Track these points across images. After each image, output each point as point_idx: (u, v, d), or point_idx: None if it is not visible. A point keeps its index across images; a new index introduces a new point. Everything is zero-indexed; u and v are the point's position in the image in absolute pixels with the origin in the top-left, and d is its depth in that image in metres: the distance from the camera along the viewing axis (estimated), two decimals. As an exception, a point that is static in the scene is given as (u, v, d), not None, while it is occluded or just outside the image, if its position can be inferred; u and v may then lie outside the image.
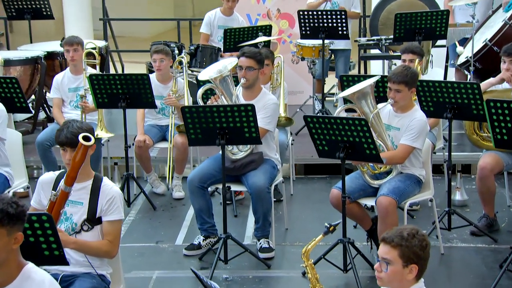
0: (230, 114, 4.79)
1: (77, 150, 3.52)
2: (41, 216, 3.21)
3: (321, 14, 7.72)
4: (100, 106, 6.21)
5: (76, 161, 3.51)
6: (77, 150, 3.51)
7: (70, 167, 3.54)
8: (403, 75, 4.92)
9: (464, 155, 7.27)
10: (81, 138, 3.51)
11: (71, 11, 14.89)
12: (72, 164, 3.53)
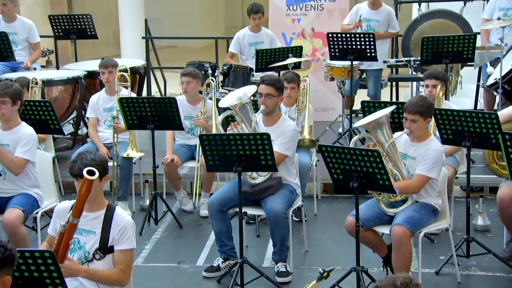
0: (246, 142, 4.68)
1: (82, 183, 3.45)
2: (44, 253, 3.14)
3: (349, 36, 7.56)
4: (130, 127, 6.17)
5: (81, 194, 3.44)
6: (82, 184, 3.45)
7: (76, 200, 3.48)
8: (419, 106, 4.74)
9: (490, 178, 7.00)
10: (85, 172, 3.44)
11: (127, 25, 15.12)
12: (78, 197, 3.47)
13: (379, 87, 8.41)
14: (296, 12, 9.61)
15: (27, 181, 5.14)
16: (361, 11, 8.25)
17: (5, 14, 8.17)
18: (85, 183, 3.43)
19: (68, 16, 9.02)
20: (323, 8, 9.43)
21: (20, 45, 8.22)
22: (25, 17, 13.81)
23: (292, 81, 6.39)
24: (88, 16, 8.99)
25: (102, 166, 3.78)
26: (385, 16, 8.25)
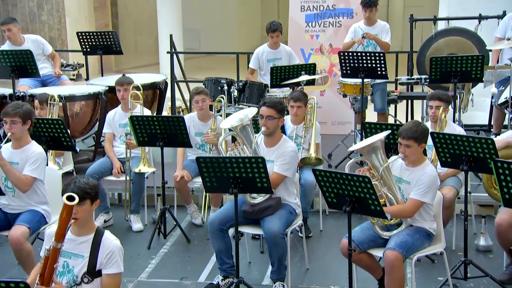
0: (242, 165, 4.57)
1: (62, 209, 3.38)
2: (19, 284, 3.07)
3: (360, 55, 7.41)
4: (141, 144, 6.12)
5: (62, 219, 3.38)
6: (63, 209, 3.37)
7: (58, 225, 3.41)
8: (413, 131, 4.57)
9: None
10: (65, 198, 3.37)
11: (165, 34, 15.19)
12: (59, 222, 3.39)
13: (386, 101, 8.22)
14: (314, 29, 9.48)
15: (35, 198, 5.10)
16: (359, 29, 8.11)
17: (11, 39, 8.13)
18: (65, 208, 3.35)
19: (95, 33, 9.03)
20: (341, 24, 9.29)
21: (38, 60, 8.17)
22: (71, 29, 14.12)
23: (298, 100, 6.28)
24: (114, 32, 9.01)
25: (95, 191, 3.71)
26: (380, 30, 8.08)
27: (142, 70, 15.85)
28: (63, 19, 14.84)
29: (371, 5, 7.99)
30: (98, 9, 15.89)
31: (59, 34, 14.98)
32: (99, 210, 6.53)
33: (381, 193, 4.63)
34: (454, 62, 6.85)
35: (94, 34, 9.01)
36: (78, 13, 14.98)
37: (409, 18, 9.06)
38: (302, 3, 9.55)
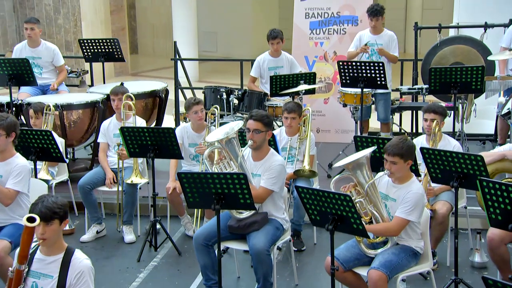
0: (224, 181, 4.48)
1: (23, 230, 3.32)
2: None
3: (359, 65, 7.32)
4: (132, 155, 6.06)
5: (23, 241, 3.32)
6: (24, 231, 3.31)
7: (20, 247, 3.35)
8: (398, 148, 4.45)
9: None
10: (25, 219, 3.30)
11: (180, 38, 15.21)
12: (21, 243, 3.33)
13: (389, 110, 8.10)
14: (319, 36, 9.39)
15: (19, 211, 5.04)
16: (364, 37, 8.00)
17: (32, 39, 8.18)
18: (26, 230, 3.29)
19: (97, 40, 9.00)
20: (346, 32, 9.19)
21: (45, 68, 8.24)
22: (87, 32, 14.18)
23: (292, 111, 6.19)
24: (115, 40, 8.99)
25: (63, 210, 3.65)
26: (387, 40, 7.96)
27: (159, 73, 15.95)
28: (78, 22, 14.91)
29: (377, 14, 7.88)
30: (115, 12, 15.95)
31: (75, 38, 15.04)
32: (91, 221, 6.48)
33: (366, 210, 4.53)
34: (454, 73, 6.72)
35: (96, 42, 8.99)
36: (94, 17, 15.04)
37: (414, 26, 8.93)
38: (307, 10, 9.47)
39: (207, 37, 18.40)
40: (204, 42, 18.28)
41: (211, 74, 15.00)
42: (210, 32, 18.50)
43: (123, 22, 16.49)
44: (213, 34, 18.57)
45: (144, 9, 19.07)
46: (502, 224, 4.07)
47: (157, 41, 18.66)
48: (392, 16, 19.29)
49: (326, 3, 9.36)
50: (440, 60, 8.59)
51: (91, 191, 6.36)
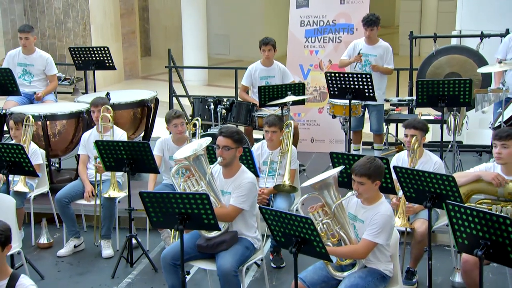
0: (186, 201, 4.41)
1: None
2: None
3: (347, 76, 7.23)
4: (108, 169, 6.00)
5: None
6: None
7: None
8: (366, 168, 4.36)
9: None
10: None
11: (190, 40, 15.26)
12: None
13: (382, 121, 8.02)
14: (314, 44, 9.32)
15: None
16: (358, 47, 7.91)
17: (26, 48, 8.21)
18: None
19: (87, 48, 9.00)
20: (341, 40, 9.11)
21: (36, 76, 8.25)
22: (97, 36, 14.28)
23: (273, 125, 6.12)
24: (106, 48, 8.98)
25: (5, 235, 3.59)
26: (382, 51, 7.87)
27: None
28: (88, 26, 15.00)
29: (372, 24, 7.80)
30: (125, 16, 16.04)
31: (84, 42, 15.14)
32: (69, 235, 6.44)
33: (333, 232, 4.44)
34: (441, 86, 6.63)
35: (87, 50, 8.99)
36: (104, 20, 15.14)
37: (409, 35, 8.82)
38: (302, 18, 9.41)
39: (219, 39, 18.44)
40: (216, 44, 18.33)
41: (222, 77, 14.96)
42: (222, 34, 18.52)
43: (134, 25, 16.57)
44: (225, 37, 18.58)
45: (157, 11, 19.14)
46: (469, 249, 3.96)
47: (169, 43, 18.70)
48: (407, 19, 19.26)
49: (321, 11, 9.29)
50: (435, 70, 8.48)
51: (68, 205, 6.33)
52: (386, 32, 20.68)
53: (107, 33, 15.29)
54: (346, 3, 9.21)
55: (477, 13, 9.82)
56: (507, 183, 4.70)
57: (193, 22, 15.48)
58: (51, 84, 8.40)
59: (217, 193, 4.92)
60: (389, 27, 20.20)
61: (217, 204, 4.88)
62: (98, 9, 15.00)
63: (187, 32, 15.53)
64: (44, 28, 15.39)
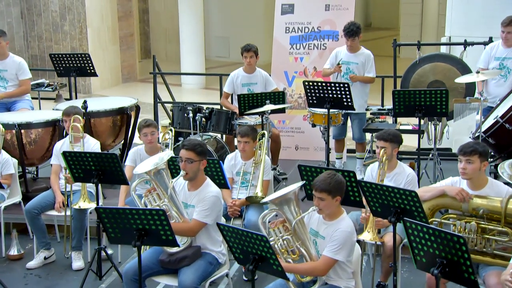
0: (143, 217, 4.36)
1: None
2: None
3: (325, 85, 7.19)
4: (77, 180, 5.94)
5: None
6: None
7: None
8: (326, 183, 4.30)
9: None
10: None
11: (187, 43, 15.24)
12: None
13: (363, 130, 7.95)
14: (299, 51, 9.26)
15: None
16: (340, 55, 7.88)
17: None
18: None
19: (68, 55, 8.96)
20: (326, 47, 9.05)
21: (11, 81, 8.20)
22: (94, 39, 14.29)
23: (245, 135, 6.07)
24: (87, 55, 8.95)
25: None
26: (363, 60, 7.81)
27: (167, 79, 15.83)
28: (84, 29, 14.99)
29: (353, 35, 7.77)
30: (123, 18, 16.04)
31: (80, 45, 15.14)
32: (39, 246, 6.39)
33: (294, 248, 4.38)
34: (418, 96, 6.57)
35: (67, 56, 8.94)
36: (101, 23, 15.15)
37: (392, 43, 8.75)
38: (287, 25, 9.36)
39: (219, 42, 18.42)
40: (216, 47, 18.31)
41: None
42: (222, 37, 18.49)
43: (132, 28, 16.57)
44: (225, 39, 18.55)
45: (157, 13, 19.14)
46: (426, 267, 3.90)
47: (169, 45, 18.73)
48: (408, 22, 19.23)
49: (306, 18, 9.24)
50: (419, 78, 8.41)
51: (38, 216, 6.28)
52: (389, 34, 20.71)
53: (104, 36, 15.29)
54: (331, 10, 9.15)
55: (466, 19, 9.74)
56: (471, 198, 4.63)
57: (190, 26, 15.47)
58: (20, 88, 8.27)
59: (179, 207, 4.86)
60: (393, 29, 20.16)
61: (180, 219, 4.82)
62: (95, 12, 15.00)
63: (184, 35, 15.51)
64: (41, 31, 15.41)
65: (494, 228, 4.49)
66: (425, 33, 18.51)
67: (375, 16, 25.11)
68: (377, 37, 21.33)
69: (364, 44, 8.25)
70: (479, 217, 4.58)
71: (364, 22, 25.18)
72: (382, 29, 23.07)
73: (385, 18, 23.23)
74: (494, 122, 6.77)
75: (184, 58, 15.66)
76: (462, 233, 4.59)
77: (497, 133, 6.76)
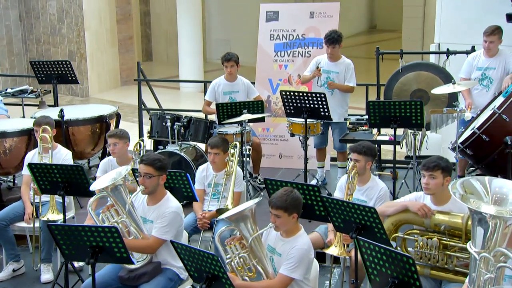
0: (96, 234, 4.27)
1: None
2: None
3: (302, 95, 7.11)
4: (44, 192, 5.85)
5: None
6: None
7: None
8: (282, 201, 4.22)
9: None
10: None
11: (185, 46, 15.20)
12: None
13: None
14: (283, 59, 9.19)
15: None
16: (320, 63, 7.76)
17: None
18: None
19: (49, 62, 8.93)
20: (310, 55, 8.96)
21: None
22: (92, 42, 14.26)
23: (215, 147, 5.99)
24: (68, 62, 8.91)
25: None
26: (343, 68, 7.73)
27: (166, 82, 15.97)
28: (82, 32, 14.96)
29: (334, 42, 7.68)
30: (122, 21, 16.00)
31: (78, 48, 15.11)
32: (8, 259, 6.31)
33: (250, 266, 4.30)
34: (393, 107, 6.48)
35: (48, 64, 8.90)
36: (99, 26, 15.11)
37: (375, 51, 8.66)
38: (272, 32, 9.29)
39: (219, 44, 18.35)
40: (216, 50, 18.23)
41: None
42: (223, 39, 18.43)
43: (131, 31, 16.52)
44: (226, 42, 18.48)
45: (158, 15, 19.09)
46: (380, 287, 3.81)
47: (170, 48, 18.68)
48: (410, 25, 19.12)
49: (291, 25, 9.17)
50: (402, 86, 8.32)
51: (6, 227, 6.20)
52: (393, 37, 20.64)
53: (103, 39, 15.27)
54: (316, 17, 9.08)
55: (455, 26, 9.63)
56: (434, 214, 4.54)
57: (188, 28, 15.41)
58: None
59: (138, 223, 4.78)
60: (397, 31, 20.09)
61: (139, 235, 4.74)
62: (93, 15, 14.97)
63: (182, 37, 15.45)
64: (39, 34, 15.39)
65: (456, 245, 4.41)
66: (426, 37, 18.39)
67: (380, 18, 25.11)
68: (382, 39, 21.35)
69: (368, 47, 8.18)
70: (441, 233, 4.50)
71: (370, 24, 25.14)
72: (386, 31, 23.05)
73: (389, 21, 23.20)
74: (471, 133, 6.68)
75: (183, 60, 15.59)
76: (424, 249, 4.51)
77: (475, 144, 6.66)
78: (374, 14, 25.51)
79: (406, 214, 4.65)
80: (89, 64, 15.09)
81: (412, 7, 19.58)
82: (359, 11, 24.11)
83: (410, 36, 18.68)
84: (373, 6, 25.32)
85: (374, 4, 25.33)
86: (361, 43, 21.33)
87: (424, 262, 4.53)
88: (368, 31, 24.58)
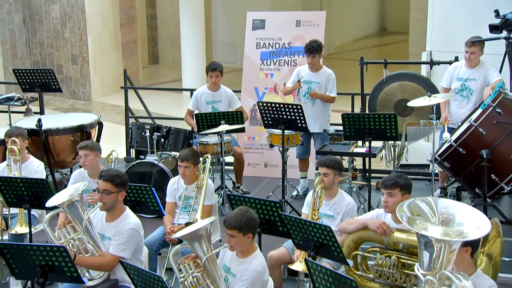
0: (45, 253, 4.16)
1: None
2: None
3: (279, 106, 6.99)
4: (10, 205, 5.76)
5: None
6: None
7: None
8: (237, 221, 4.10)
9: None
10: None
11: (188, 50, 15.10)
12: None
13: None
14: (269, 67, 9.07)
15: None
16: (302, 74, 7.66)
17: None
18: None
19: (32, 71, 8.87)
20: (296, 63, 8.84)
21: None
22: (95, 46, 14.20)
23: (185, 160, 5.88)
24: (50, 71, 8.86)
25: None
26: (324, 79, 7.61)
27: (170, 85, 16.10)
28: (84, 36, 14.91)
29: (314, 52, 7.55)
30: (125, 25, 15.93)
31: (81, 51, 15.05)
32: (-23, 271, 6.21)
33: (203, 286, 4.17)
34: (367, 119, 6.36)
35: (31, 72, 8.84)
36: (102, 30, 15.04)
37: (359, 60, 8.53)
38: (258, 40, 9.18)
39: (226, 47, 18.25)
40: (222, 53, 18.14)
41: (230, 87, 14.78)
42: (229, 42, 18.35)
43: (135, 34, 16.45)
44: (232, 45, 18.40)
45: (164, 19, 19.02)
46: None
47: (176, 51, 18.60)
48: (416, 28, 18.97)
49: (277, 34, 9.06)
50: (386, 96, 8.19)
51: (-25, 241, 6.10)
52: (403, 39, 20.52)
53: (106, 43, 15.20)
54: (302, 26, 8.95)
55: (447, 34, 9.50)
56: (392, 232, 4.41)
57: (191, 31, 15.30)
58: None
59: (96, 240, 4.67)
60: (406, 34, 19.98)
61: (96, 252, 4.63)
62: (96, 19, 14.91)
63: (185, 40, 15.32)
64: (42, 38, 15.36)
65: (413, 263, 4.28)
66: (429, 38, 18.31)
67: (390, 21, 25.03)
68: (392, 42, 21.34)
69: (379, 49, 8.05)
70: (400, 251, 4.37)
71: (380, 27, 25.03)
72: (397, 33, 22.96)
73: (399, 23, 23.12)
74: (448, 146, 6.55)
75: (185, 63, 15.47)
76: (383, 267, 4.39)
77: (452, 156, 6.53)
78: (385, 17, 25.44)
79: (366, 231, 4.53)
80: (92, 68, 15.01)
81: (418, 10, 19.44)
82: (370, 13, 24.03)
83: (416, 39, 18.56)
84: (384, 8, 25.23)
85: (385, 7, 25.24)
86: (372, 45, 21.28)
87: (383, 280, 4.41)
88: (378, 33, 24.48)
